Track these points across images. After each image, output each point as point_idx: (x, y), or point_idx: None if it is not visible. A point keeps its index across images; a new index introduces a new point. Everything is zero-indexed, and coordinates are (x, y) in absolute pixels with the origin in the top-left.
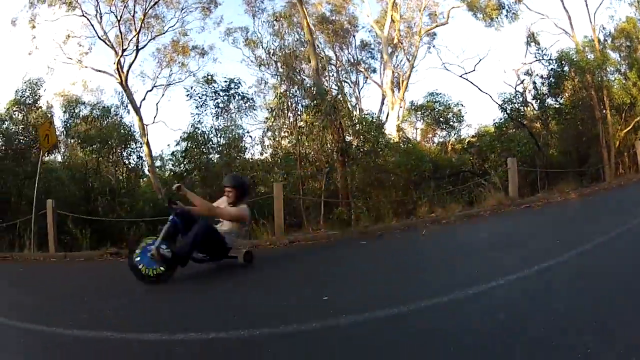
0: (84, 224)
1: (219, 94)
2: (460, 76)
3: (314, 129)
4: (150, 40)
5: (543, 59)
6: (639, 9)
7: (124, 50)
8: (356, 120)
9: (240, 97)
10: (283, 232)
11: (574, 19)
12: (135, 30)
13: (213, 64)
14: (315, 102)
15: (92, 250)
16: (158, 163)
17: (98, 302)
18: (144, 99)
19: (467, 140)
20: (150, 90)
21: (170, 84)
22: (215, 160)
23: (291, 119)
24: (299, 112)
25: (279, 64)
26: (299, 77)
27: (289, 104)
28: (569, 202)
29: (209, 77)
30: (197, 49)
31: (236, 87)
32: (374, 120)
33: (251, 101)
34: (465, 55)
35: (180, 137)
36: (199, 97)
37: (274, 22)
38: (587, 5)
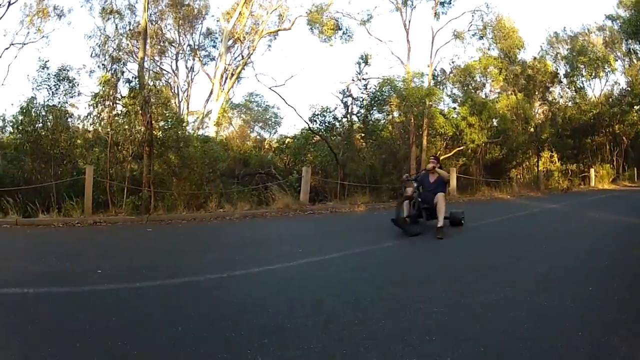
0: None
1: (50, 79)
2: (270, 88)
3: (127, 118)
4: None
5: (364, 81)
6: (485, 54)
7: None
8: (163, 116)
9: (68, 81)
10: (90, 212)
11: (420, 51)
12: None
13: (67, 27)
14: (132, 93)
15: None
16: None
17: None
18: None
19: (284, 141)
20: (7, 49)
21: (25, 44)
22: (42, 135)
23: (109, 106)
24: (117, 100)
25: (106, 55)
26: (122, 68)
27: (109, 92)
28: (353, 214)
29: (44, 62)
30: (57, 10)
31: (66, 72)
32: (178, 117)
33: (77, 86)
34: (295, 64)
35: (17, 112)
36: (35, 80)
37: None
38: (433, 42)
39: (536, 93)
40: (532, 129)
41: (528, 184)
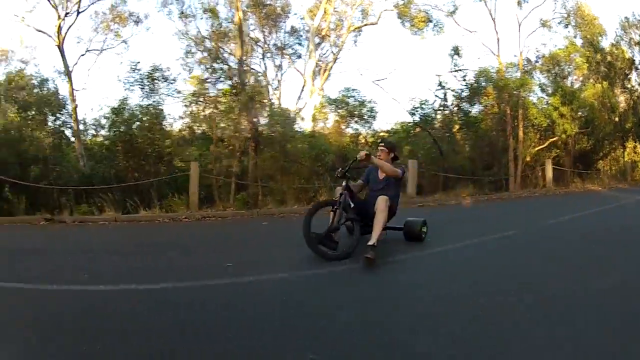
0: (18, 189)
1: (143, 80)
2: (373, 82)
3: (231, 115)
4: (92, 3)
5: (461, 71)
6: (571, 42)
7: (67, 14)
8: (270, 112)
9: (164, 80)
10: (197, 207)
11: (505, 40)
12: None
13: (146, 33)
14: (235, 90)
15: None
16: (81, 127)
17: None
18: (76, 63)
19: (379, 135)
20: (83, 55)
21: (103, 50)
22: (137, 134)
23: (208, 104)
24: (218, 97)
25: (204, 53)
26: (219, 66)
27: (207, 90)
28: (457, 207)
29: (135, 64)
30: (133, 16)
31: (160, 71)
32: (285, 112)
33: (174, 83)
34: (385, 58)
35: (110, 112)
36: (127, 81)
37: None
38: (519, 30)
39: (617, 81)
40: (616, 119)
41: (615, 175)
